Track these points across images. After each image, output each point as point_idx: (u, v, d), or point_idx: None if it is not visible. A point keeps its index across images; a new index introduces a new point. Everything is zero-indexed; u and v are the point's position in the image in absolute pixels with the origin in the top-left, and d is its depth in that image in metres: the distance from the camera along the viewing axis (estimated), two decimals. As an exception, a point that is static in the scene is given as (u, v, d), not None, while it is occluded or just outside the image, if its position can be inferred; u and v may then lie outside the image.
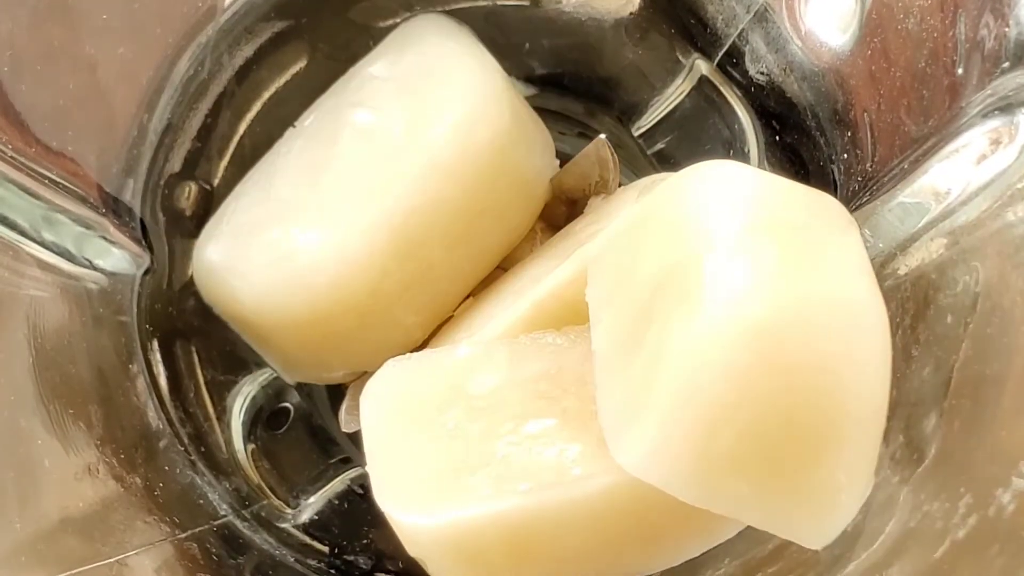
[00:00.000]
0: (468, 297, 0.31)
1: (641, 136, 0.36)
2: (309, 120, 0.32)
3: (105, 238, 0.30)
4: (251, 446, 0.33)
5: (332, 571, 0.32)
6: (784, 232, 0.21)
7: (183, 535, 0.28)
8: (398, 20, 0.33)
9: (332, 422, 0.34)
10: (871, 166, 0.28)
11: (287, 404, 0.35)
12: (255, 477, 0.33)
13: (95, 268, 0.29)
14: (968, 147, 0.25)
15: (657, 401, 0.20)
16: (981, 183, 0.24)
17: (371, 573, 0.32)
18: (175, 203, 0.32)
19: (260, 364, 0.34)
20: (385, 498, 0.23)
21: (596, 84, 0.35)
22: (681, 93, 0.34)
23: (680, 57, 0.34)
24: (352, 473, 0.34)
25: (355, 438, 0.31)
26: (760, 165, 0.33)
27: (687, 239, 0.21)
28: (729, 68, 0.33)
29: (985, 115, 0.24)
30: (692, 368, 0.20)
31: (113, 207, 0.30)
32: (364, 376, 0.31)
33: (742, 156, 0.33)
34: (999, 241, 0.23)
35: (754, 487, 0.20)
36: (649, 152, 0.36)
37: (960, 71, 0.25)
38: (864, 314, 0.20)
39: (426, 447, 0.24)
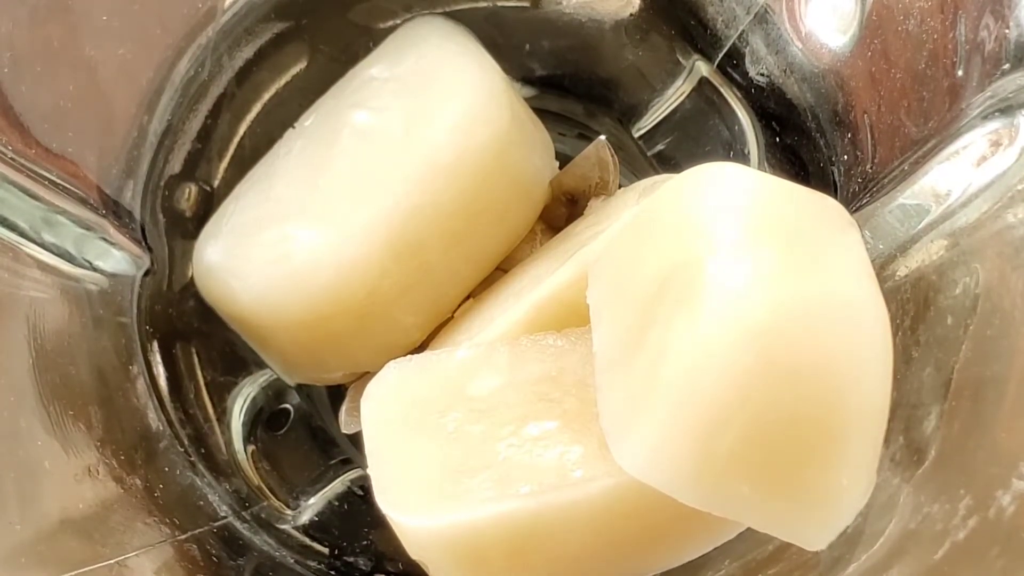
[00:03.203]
0: (468, 298, 0.31)
1: (641, 137, 0.36)
2: (309, 121, 0.32)
3: (105, 239, 0.30)
4: (251, 447, 0.33)
5: (332, 572, 0.32)
6: (785, 234, 0.21)
7: (183, 536, 0.28)
8: (398, 21, 0.33)
9: (332, 423, 0.34)
10: (871, 167, 0.28)
11: (287, 405, 0.35)
12: (255, 478, 0.33)
13: (95, 269, 0.29)
14: (968, 149, 0.25)
15: (658, 403, 0.20)
16: (981, 185, 0.24)
17: (371, 574, 0.32)
18: (175, 204, 0.32)
19: (260, 365, 0.34)
20: (386, 500, 0.23)
21: (596, 85, 0.35)
22: (681, 94, 0.34)
23: (680, 58, 0.34)
24: (352, 474, 0.34)
25: (355, 439, 0.31)
26: (760, 166, 0.33)
27: (688, 241, 0.21)
28: (729, 69, 0.33)
29: (985, 117, 0.24)
30: (693, 370, 0.20)
31: (113, 208, 0.30)
32: (364, 377, 0.31)
33: (742, 157, 0.33)
34: (999, 243, 0.23)
35: (755, 489, 0.20)
36: (649, 153, 0.36)
37: (960, 73, 0.25)
38: (865, 315, 0.20)
39: (427, 449, 0.24)
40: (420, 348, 0.31)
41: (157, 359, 0.32)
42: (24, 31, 0.27)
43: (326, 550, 0.33)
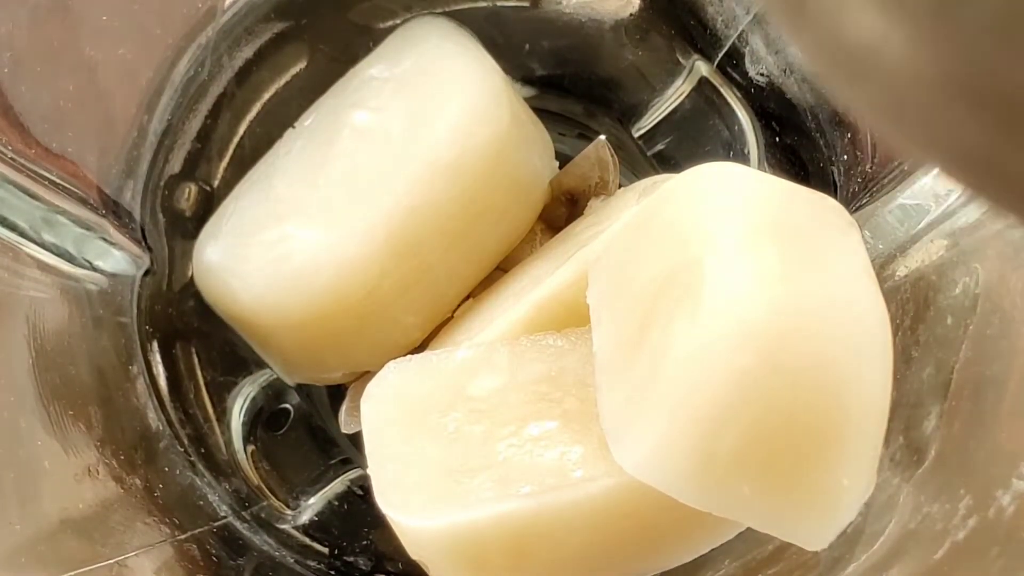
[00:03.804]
0: (468, 298, 0.31)
1: (641, 137, 0.36)
2: (309, 121, 0.32)
3: (105, 239, 0.29)
4: (251, 447, 0.33)
5: (332, 572, 0.32)
6: (785, 234, 0.21)
7: (183, 536, 0.28)
8: (398, 21, 0.33)
9: (332, 423, 0.34)
10: (871, 167, 0.28)
11: (287, 405, 0.35)
12: (255, 478, 0.33)
13: (95, 269, 0.29)
14: (968, 149, 0.25)
15: (658, 403, 0.20)
16: (981, 185, 0.24)
17: (371, 574, 0.32)
18: (175, 204, 0.32)
19: (260, 365, 0.34)
20: (387, 501, 0.23)
21: (596, 85, 0.35)
22: (681, 94, 0.34)
23: (680, 58, 0.34)
24: (352, 474, 0.34)
25: (355, 439, 0.31)
26: (760, 166, 0.33)
27: (688, 241, 0.21)
28: (729, 69, 0.33)
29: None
30: (693, 370, 0.20)
31: (113, 208, 0.30)
32: (364, 377, 0.31)
33: (742, 157, 0.33)
34: (999, 243, 0.23)
35: (755, 489, 0.20)
36: (649, 153, 0.36)
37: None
38: (865, 316, 0.20)
39: (427, 449, 0.24)
40: (420, 348, 0.31)
41: (157, 359, 0.32)
42: (24, 31, 0.27)
43: (326, 550, 0.33)
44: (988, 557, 0.20)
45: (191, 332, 0.33)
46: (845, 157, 0.29)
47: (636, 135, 0.36)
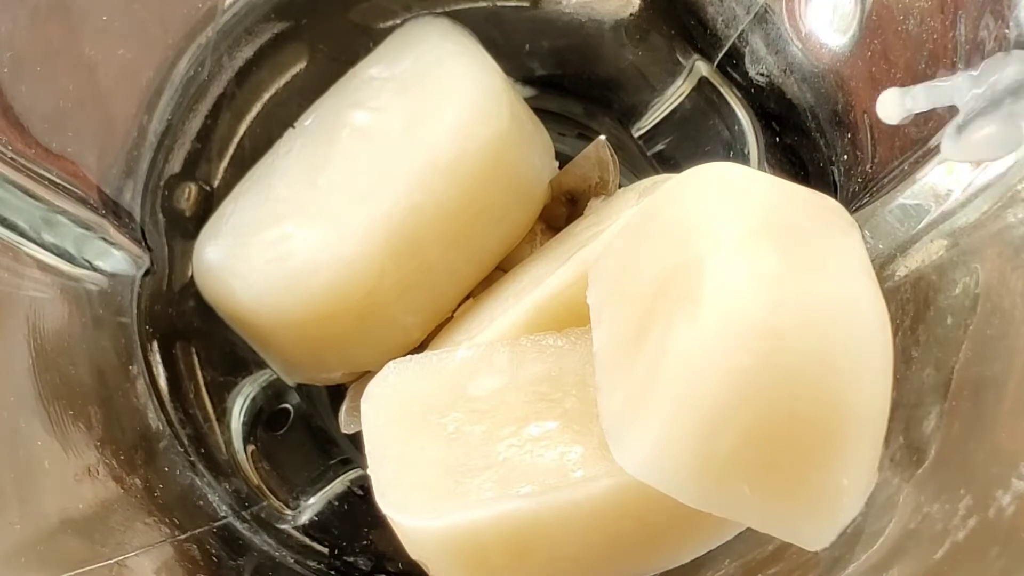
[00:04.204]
0: (468, 298, 0.31)
1: (641, 137, 0.36)
2: (309, 121, 0.32)
3: (105, 239, 0.30)
4: (251, 447, 0.33)
5: (332, 572, 0.32)
6: (785, 234, 0.21)
7: (183, 536, 0.28)
8: (398, 21, 0.33)
9: (332, 423, 0.34)
10: (871, 167, 0.28)
11: (287, 405, 0.35)
12: (255, 478, 0.33)
13: (95, 269, 0.29)
14: (968, 149, 0.25)
15: (658, 403, 0.20)
16: (981, 185, 0.24)
17: (371, 574, 0.32)
18: (175, 204, 0.32)
19: (260, 365, 0.34)
20: (387, 501, 0.23)
21: (596, 85, 0.35)
22: (681, 94, 0.34)
23: (680, 58, 0.34)
24: (352, 474, 0.34)
25: (355, 439, 0.31)
26: (760, 166, 0.33)
27: (688, 241, 0.21)
28: (729, 69, 0.33)
29: (985, 117, 0.24)
30: (693, 370, 0.20)
31: (113, 208, 0.30)
32: (364, 377, 0.31)
33: (742, 157, 0.33)
34: (999, 243, 0.23)
35: (755, 489, 0.20)
36: (649, 153, 0.36)
37: (960, 73, 0.25)
38: (865, 316, 0.20)
39: (427, 449, 0.24)
40: (420, 348, 0.31)
41: (157, 359, 0.32)
42: (24, 31, 0.27)
43: (326, 550, 0.33)
44: (988, 557, 0.20)
45: (191, 332, 0.33)
46: (845, 157, 0.30)
47: (636, 135, 0.36)
